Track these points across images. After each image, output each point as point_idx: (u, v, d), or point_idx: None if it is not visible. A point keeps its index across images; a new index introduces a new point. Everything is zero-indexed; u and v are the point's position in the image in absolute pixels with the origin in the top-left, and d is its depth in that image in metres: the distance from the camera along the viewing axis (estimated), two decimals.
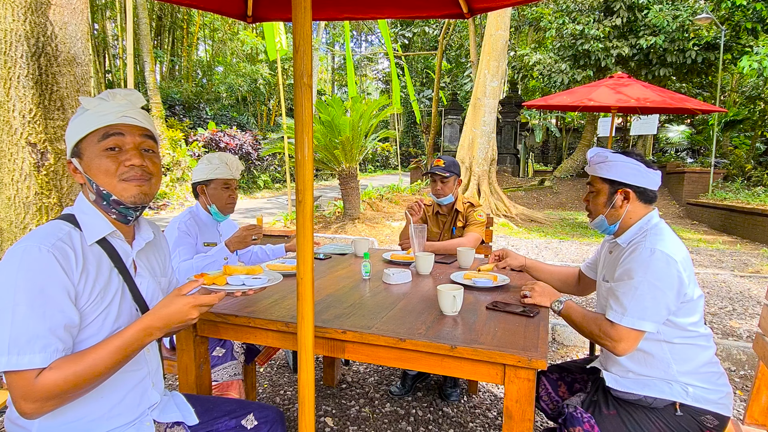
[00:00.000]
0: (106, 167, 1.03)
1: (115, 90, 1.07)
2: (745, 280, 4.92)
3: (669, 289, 1.27)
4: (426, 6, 1.81)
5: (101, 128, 1.03)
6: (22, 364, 0.88)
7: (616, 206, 1.44)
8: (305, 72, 1.06)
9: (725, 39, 10.82)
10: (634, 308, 1.28)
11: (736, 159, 12.81)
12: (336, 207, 8.59)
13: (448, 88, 22.00)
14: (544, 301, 1.51)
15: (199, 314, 1.04)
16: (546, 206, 11.91)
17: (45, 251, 0.93)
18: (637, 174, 1.40)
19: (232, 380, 1.81)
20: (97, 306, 1.00)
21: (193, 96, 17.21)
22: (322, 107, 7.32)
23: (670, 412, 1.33)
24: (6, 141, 2.58)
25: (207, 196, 2.07)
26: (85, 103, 1.04)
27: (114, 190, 1.05)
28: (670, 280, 1.27)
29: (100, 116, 1.03)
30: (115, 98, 1.06)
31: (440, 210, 2.74)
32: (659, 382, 1.36)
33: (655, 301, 1.27)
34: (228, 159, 2.07)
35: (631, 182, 1.41)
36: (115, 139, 1.04)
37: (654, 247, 1.29)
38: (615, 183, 1.43)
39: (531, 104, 7.72)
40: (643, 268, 1.28)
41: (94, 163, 1.03)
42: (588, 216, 1.57)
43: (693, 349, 1.36)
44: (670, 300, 1.28)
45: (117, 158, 1.04)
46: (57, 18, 2.63)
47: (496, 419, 2.29)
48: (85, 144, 1.04)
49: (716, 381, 1.36)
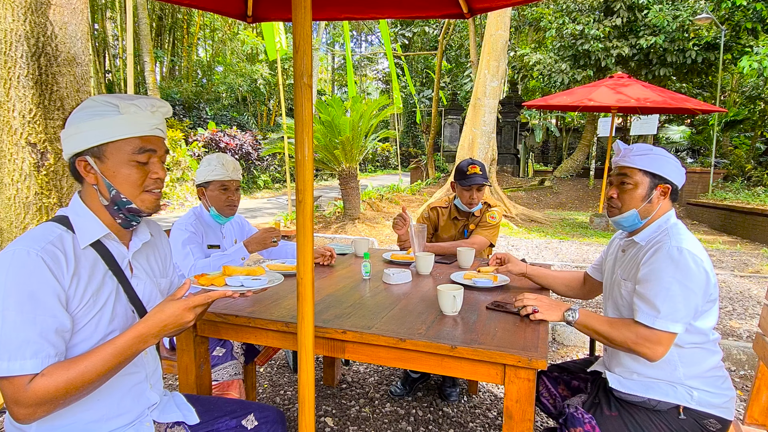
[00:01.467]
0: (135, 178, 1.04)
1: (149, 99, 1.05)
2: (745, 280, 4.92)
3: (698, 289, 1.24)
4: (426, 6, 1.81)
5: (135, 138, 1.02)
6: (13, 369, 0.87)
7: (653, 201, 1.39)
8: (305, 72, 1.06)
9: (725, 39, 10.82)
10: (668, 309, 1.23)
11: (736, 159, 12.81)
12: (336, 207, 8.59)
13: (448, 88, 21.98)
14: (553, 315, 1.41)
15: (195, 316, 1.02)
16: (546, 206, 11.91)
17: (34, 255, 0.91)
18: (677, 171, 1.37)
19: (233, 380, 1.81)
20: (89, 310, 0.99)
21: (193, 96, 17.21)
22: (322, 107, 7.32)
23: (673, 415, 1.31)
24: (6, 141, 2.58)
25: (206, 198, 2.06)
26: (122, 106, 1.01)
27: (135, 200, 1.05)
28: (699, 279, 1.24)
29: (134, 125, 1.02)
30: (150, 107, 1.04)
31: (458, 215, 2.63)
32: (664, 385, 1.34)
33: (687, 301, 1.23)
34: (225, 160, 2.04)
35: (672, 179, 1.38)
36: (149, 155, 1.05)
37: (681, 246, 1.27)
38: (657, 177, 1.38)
39: (531, 104, 7.73)
40: (673, 267, 1.25)
41: (120, 170, 1.02)
42: (611, 209, 1.47)
43: (702, 354, 1.33)
44: (699, 300, 1.25)
45: (145, 170, 1.05)
46: (57, 18, 2.63)
47: (496, 419, 2.29)
48: (113, 149, 1.02)
49: (721, 385, 1.34)
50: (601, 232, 8.33)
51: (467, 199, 2.51)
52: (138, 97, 1.05)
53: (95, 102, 1.02)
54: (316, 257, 2.14)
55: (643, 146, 1.40)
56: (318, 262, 2.16)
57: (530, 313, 1.42)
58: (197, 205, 2.13)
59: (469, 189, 2.48)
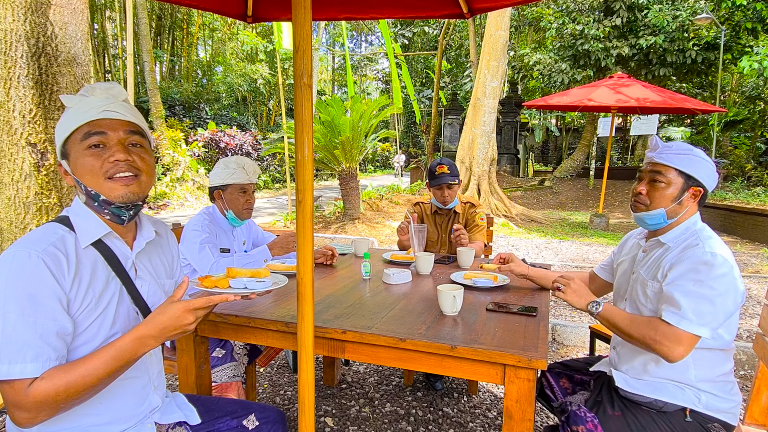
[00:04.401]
0: (91, 166, 0.99)
1: (95, 84, 1.02)
2: (745, 280, 4.92)
3: (729, 295, 1.22)
4: (426, 6, 1.81)
5: (83, 126, 0.99)
6: (13, 373, 0.85)
7: (683, 203, 1.36)
8: (305, 72, 1.06)
9: (725, 39, 10.82)
10: (695, 312, 1.21)
11: (736, 159, 12.82)
12: (336, 207, 8.59)
13: (448, 88, 21.99)
14: (578, 301, 1.41)
15: (197, 318, 0.99)
16: (546, 206, 11.91)
17: (35, 257, 0.89)
18: (712, 176, 1.35)
19: (231, 382, 1.81)
20: (91, 312, 0.97)
21: (193, 96, 17.21)
22: (322, 107, 7.32)
23: (678, 417, 1.30)
24: (6, 141, 2.58)
25: (224, 201, 2.05)
26: (66, 101, 1.00)
27: (101, 190, 1.00)
28: (731, 285, 1.22)
29: (81, 113, 0.99)
30: (94, 93, 1.01)
31: (439, 211, 2.73)
32: (672, 387, 1.33)
33: (715, 306, 1.21)
34: (245, 163, 2.04)
35: (705, 183, 1.35)
36: (98, 137, 0.99)
37: (714, 251, 1.24)
38: (691, 179, 1.34)
39: (531, 104, 7.73)
40: (706, 271, 1.23)
41: (79, 162, 0.99)
42: (637, 205, 1.42)
43: (715, 359, 1.32)
44: (730, 306, 1.22)
45: (101, 156, 0.99)
46: (57, 18, 2.63)
47: (496, 419, 2.29)
48: (70, 144, 1.00)
49: (729, 390, 1.34)
50: (600, 232, 8.33)
51: (439, 197, 2.63)
52: (88, 86, 1.03)
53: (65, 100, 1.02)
54: (318, 257, 2.15)
55: (683, 145, 1.36)
56: (320, 262, 2.17)
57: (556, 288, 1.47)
58: (209, 206, 2.11)
59: (439, 188, 2.60)
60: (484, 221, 2.67)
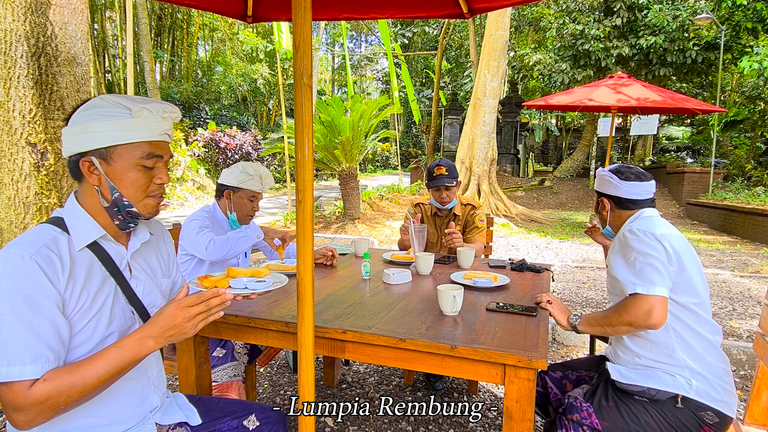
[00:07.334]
0: (141, 183, 1.02)
1: (161, 104, 1.04)
2: (745, 280, 4.92)
3: (658, 254, 1.34)
4: (426, 6, 1.81)
5: (144, 143, 1.01)
6: (12, 375, 0.85)
7: (600, 211, 1.68)
8: (305, 72, 1.06)
9: (725, 39, 10.82)
10: (639, 275, 1.34)
11: (736, 159, 12.82)
12: (336, 207, 8.59)
13: (448, 88, 21.97)
14: (561, 318, 1.53)
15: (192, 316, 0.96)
16: (546, 206, 11.91)
17: (28, 259, 0.89)
18: (610, 186, 1.59)
19: (232, 381, 1.81)
20: (86, 313, 0.97)
21: (193, 96, 17.20)
22: (322, 107, 7.32)
23: (670, 405, 1.34)
24: (6, 141, 2.58)
25: (231, 202, 2.07)
26: (135, 109, 0.99)
27: (137, 204, 1.04)
28: (654, 247, 1.36)
29: (145, 129, 1.01)
30: (161, 114, 1.03)
31: (439, 212, 2.72)
32: (663, 374, 1.37)
33: (652, 267, 1.33)
34: (264, 173, 2.09)
35: (607, 192, 1.61)
36: (155, 160, 1.04)
37: (631, 227, 1.43)
38: (599, 193, 1.67)
39: (531, 104, 7.72)
40: (627, 245, 1.41)
41: (126, 173, 1.01)
42: None
43: (697, 335, 1.37)
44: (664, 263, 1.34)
45: (150, 175, 1.04)
46: (57, 18, 2.63)
47: (496, 419, 2.29)
48: (122, 151, 1.00)
49: (723, 377, 1.37)
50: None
51: (438, 198, 2.63)
52: (150, 101, 1.03)
53: (105, 102, 1.00)
54: (319, 257, 2.16)
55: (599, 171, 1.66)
56: (320, 262, 2.17)
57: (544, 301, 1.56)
58: (209, 205, 2.13)
59: (437, 190, 2.60)
60: (483, 223, 2.67)
